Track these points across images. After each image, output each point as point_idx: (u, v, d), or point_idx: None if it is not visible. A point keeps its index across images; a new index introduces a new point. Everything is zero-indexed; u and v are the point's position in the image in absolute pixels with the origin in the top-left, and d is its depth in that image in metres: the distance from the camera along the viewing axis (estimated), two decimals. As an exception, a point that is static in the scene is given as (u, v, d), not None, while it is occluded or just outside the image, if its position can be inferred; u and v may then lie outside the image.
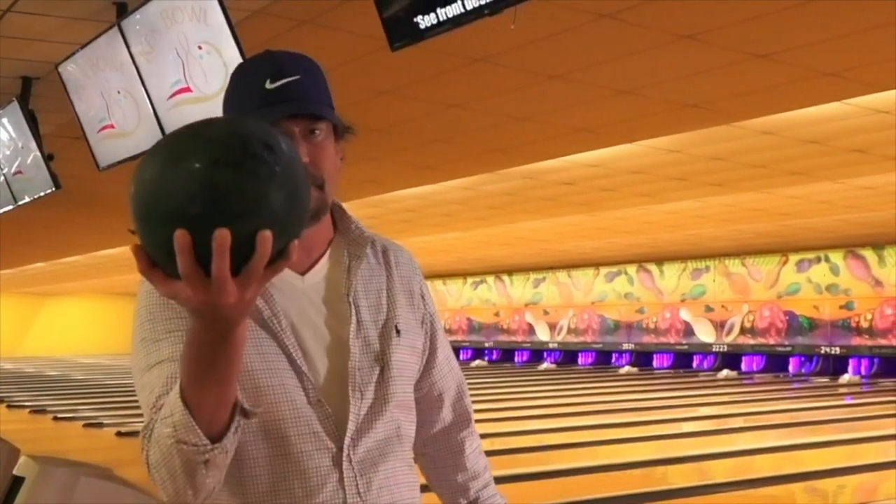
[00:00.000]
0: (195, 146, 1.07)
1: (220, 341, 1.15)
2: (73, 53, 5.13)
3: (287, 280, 1.46)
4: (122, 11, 4.65)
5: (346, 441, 1.44)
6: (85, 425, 10.23)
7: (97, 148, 5.54)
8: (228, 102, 1.50)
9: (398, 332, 1.53)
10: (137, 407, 1.38)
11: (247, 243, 1.06)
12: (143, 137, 5.05)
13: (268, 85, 1.44)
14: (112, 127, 5.31)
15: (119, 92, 5.03)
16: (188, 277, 1.06)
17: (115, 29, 4.70)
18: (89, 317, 30.52)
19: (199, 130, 1.10)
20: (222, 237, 1.04)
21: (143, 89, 4.81)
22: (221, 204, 1.04)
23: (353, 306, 1.50)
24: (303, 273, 1.50)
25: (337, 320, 1.49)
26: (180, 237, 1.04)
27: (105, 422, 10.17)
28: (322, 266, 1.52)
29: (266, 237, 1.06)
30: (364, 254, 1.55)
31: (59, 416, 11.24)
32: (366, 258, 1.56)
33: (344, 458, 1.43)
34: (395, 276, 1.59)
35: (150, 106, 4.84)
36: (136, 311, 1.45)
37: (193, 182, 1.05)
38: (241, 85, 1.48)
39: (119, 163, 5.46)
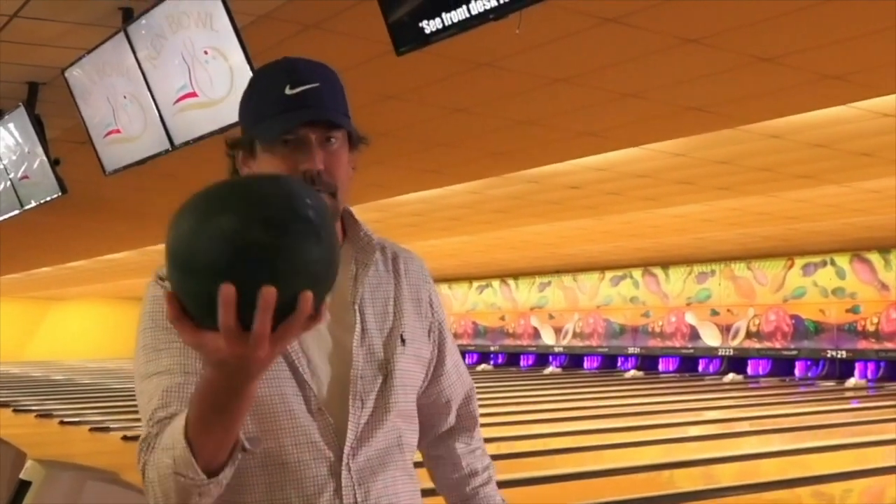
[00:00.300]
0: (242, 202, 1.08)
1: (236, 390, 1.16)
2: (80, 58, 5.14)
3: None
4: (129, 17, 4.66)
5: (346, 450, 1.43)
6: (91, 429, 10.24)
7: (103, 153, 5.55)
8: (246, 107, 1.50)
9: (403, 341, 1.53)
10: (141, 411, 1.40)
11: (289, 302, 1.07)
12: (149, 142, 5.07)
13: (287, 91, 1.43)
14: (118, 132, 5.33)
15: (125, 97, 5.05)
16: (228, 331, 1.06)
17: (122, 34, 4.71)
18: (95, 321, 30.53)
19: (245, 186, 1.11)
20: (269, 295, 1.04)
21: (149, 94, 4.82)
22: (267, 263, 1.05)
23: (358, 314, 1.49)
24: (308, 279, 1.50)
25: (342, 328, 1.48)
26: (226, 291, 1.04)
27: (111, 426, 10.18)
28: (328, 273, 1.52)
29: (308, 297, 1.07)
30: (372, 261, 1.55)
31: (66, 420, 11.24)
32: (374, 266, 1.55)
33: (343, 468, 1.43)
34: (404, 283, 1.59)
35: (156, 111, 4.85)
36: (141, 315, 1.46)
37: (239, 239, 1.05)
38: (260, 90, 1.48)
39: (125, 167, 5.48)
